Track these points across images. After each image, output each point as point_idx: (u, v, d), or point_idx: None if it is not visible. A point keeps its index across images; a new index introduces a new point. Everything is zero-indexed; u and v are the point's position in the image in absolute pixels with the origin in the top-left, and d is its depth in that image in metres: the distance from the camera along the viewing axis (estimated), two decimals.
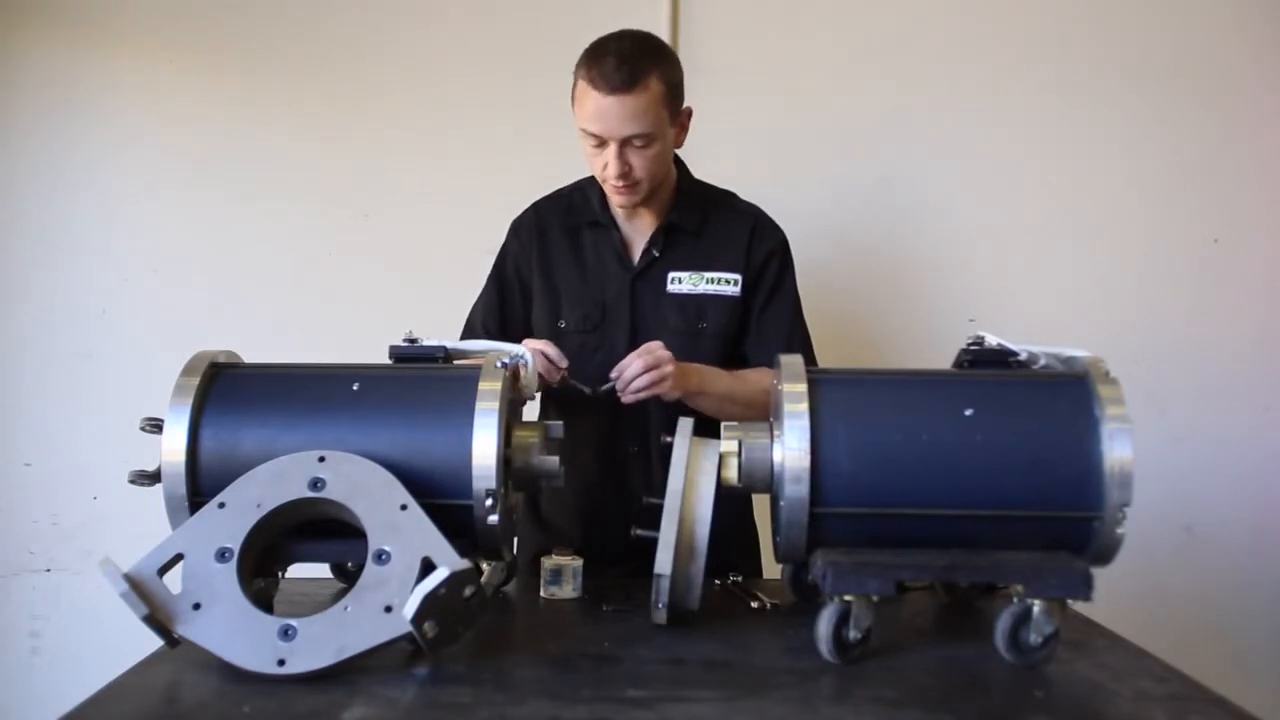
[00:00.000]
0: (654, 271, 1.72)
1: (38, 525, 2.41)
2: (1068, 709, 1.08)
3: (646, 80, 1.55)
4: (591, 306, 1.72)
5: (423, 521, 1.17)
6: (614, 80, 1.54)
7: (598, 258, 1.75)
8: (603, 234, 1.74)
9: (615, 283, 1.73)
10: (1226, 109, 2.40)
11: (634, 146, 1.58)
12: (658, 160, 1.62)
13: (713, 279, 1.72)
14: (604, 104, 1.55)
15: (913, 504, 1.23)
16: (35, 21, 2.38)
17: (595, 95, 1.55)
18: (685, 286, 1.72)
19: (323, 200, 2.40)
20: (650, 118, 1.57)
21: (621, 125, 1.56)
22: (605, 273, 1.74)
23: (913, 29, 2.41)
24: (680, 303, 1.71)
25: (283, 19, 2.39)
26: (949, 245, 2.43)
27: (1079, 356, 1.31)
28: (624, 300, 1.72)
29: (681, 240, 1.73)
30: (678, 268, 1.72)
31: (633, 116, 1.55)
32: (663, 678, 1.14)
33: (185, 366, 1.32)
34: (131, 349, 2.38)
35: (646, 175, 1.62)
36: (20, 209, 2.39)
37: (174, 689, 1.11)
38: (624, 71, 1.54)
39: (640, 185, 1.63)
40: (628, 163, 1.59)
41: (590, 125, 1.58)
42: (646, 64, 1.56)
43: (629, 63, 1.54)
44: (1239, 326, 2.42)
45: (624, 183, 1.61)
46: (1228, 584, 2.43)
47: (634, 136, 1.57)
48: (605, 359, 1.66)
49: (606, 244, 1.74)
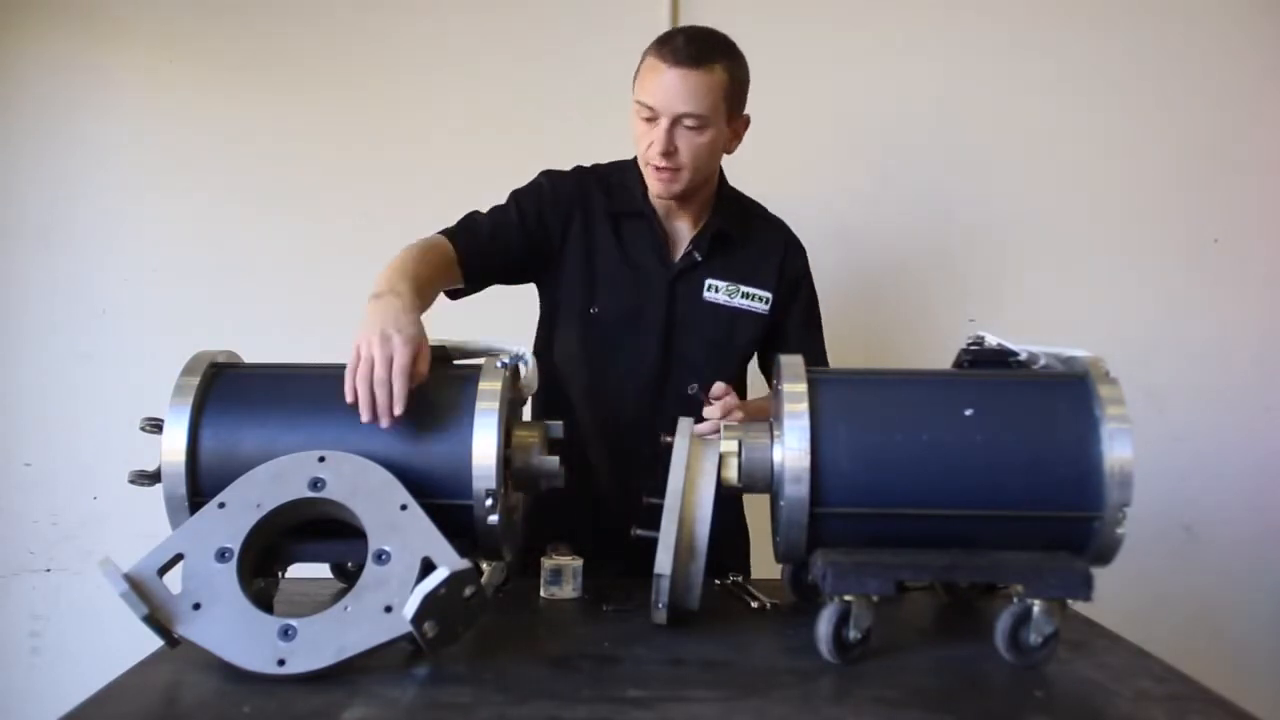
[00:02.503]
0: (693, 274, 1.69)
1: (38, 525, 2.41)
2: (1068, 709, 1.08)
3: (713, 64, 1.54)
4: (629, 299, 1.68)
5: (423, 521, 1.17)
6: (681, 54, 1.52)
7: (638, 249, 1.69)
8: (644, 225, 1.69)
9: (654, 279, 1.68)
10: (1226, 109, 2.40)
11: (685, 127, 1.55)
12: (705, 150, 1.58)
13: (748, 294, 1.70)
14: (666, 76, 1.53)
15: (913, 504, 1.23)
16: (35, 21, 2.38)
17: (659, 66, 1.53)
18: (721, 296, 1.69)
19: (323, 200, 2.40)
20: (708, 101, 1.54)
21: (679, 100, 1.53)
22: (645, 267, 1.69)
23: (913, 29, 2.41)
24: (715, 312, 1.69)
25: (283, 19, 2.40)
26: (949, 245, 2.43)
27: (1079, 356, 1.31)
28: (660, 299, 1.68)
29: (722, 247, 1.70)
30: (716, 275, 1.69)
31: (691, 93, 1.53)
32: (663, 678, 1.14)
33: (185, 366, 1.32)
34: (131, 349, 2.38)
35: (690, 162, 1.57)
36: (20, 209, 2.39)
37: (174, 689, 1.11)
38: (693, 47, 1.53)
39: (682, 173, 1.59)
40: (674, 143, 1.56)
41: (647, 96, 1.55)
42: (717, 50, 1.56)
43: (699, 42, 1.54)
44: (1239, 326, 2.42)
45: (667, 163, 1.57)
46: (1228, 584, 2.43)
47: (687, 115, 1.54)
48: (632, 357, 1.65)
49: (647, 237, 1.69)
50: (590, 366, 1.69)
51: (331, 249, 2.41)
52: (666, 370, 1.68)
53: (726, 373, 1.64)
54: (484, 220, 1.66)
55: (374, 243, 2.36)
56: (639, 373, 1.67)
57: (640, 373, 1.67)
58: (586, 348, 1.68)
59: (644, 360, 1.67)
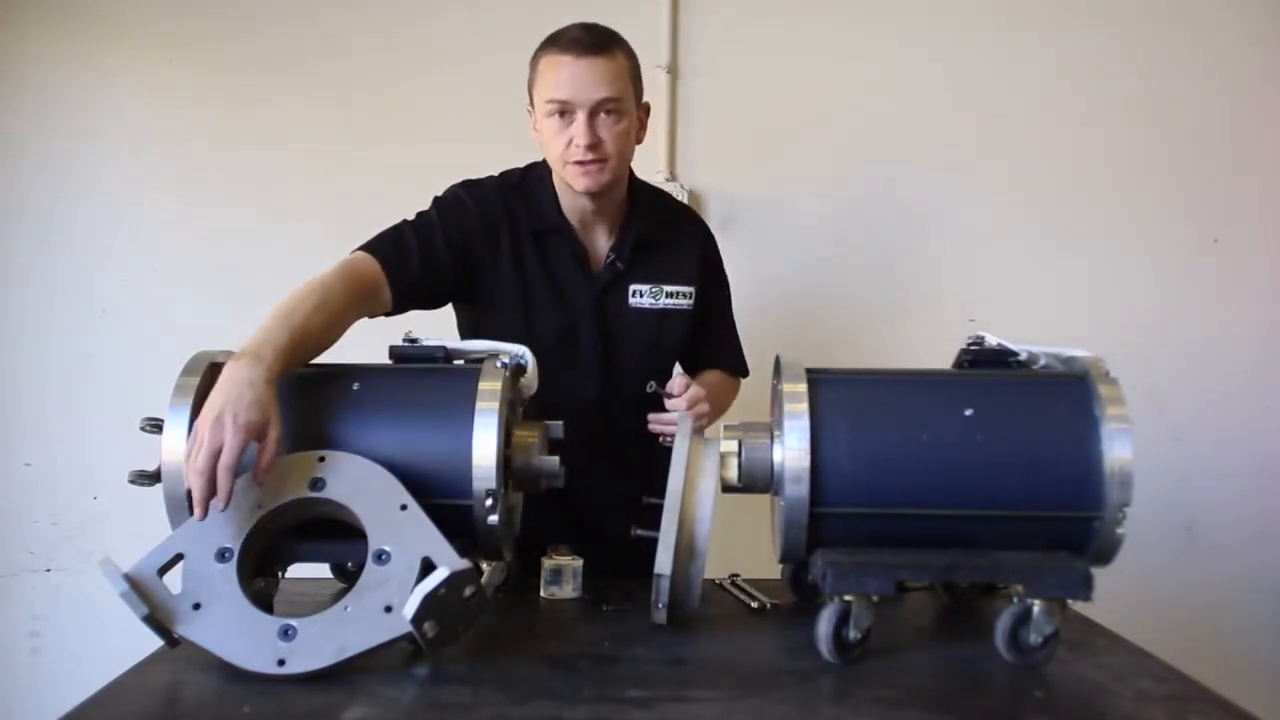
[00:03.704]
0: (617, 284, 1.67)
1: (38, 525, 2.41)
2: (1068, 709, 1.08)
3: (614, 49, 1.54)
4: (563, 319, 1.64)
5: (423, 521, 1.17)
6: (584, 43, 1.51)
7: (562, 267, 1.65)
8: (562, 241, 1.64)
9: (580, 295, 1.65)
10: (1227, 109, 2.40)
11: (604, 114, 1.53)
12: (625, 138, 1.57)
13: (671, 293, 1.69)
14: (573, 67, 1.50)
15: (913, 504, 1.23)
16: (35, 21, 2.38)
17: (562, 59, 1.51)
18: (646, 300, 1.68)
19: (323, 200, 2.40)
20: (620, 85, 1.53)
21: (592, 88, 1.51)
22: (571, 283, 1.65)
23: (912, 30, 2.41)
24: (643, 318, 1.68)
25: (283, 20, 2.40)
26: (949, 245, 2.43)
27: (1079, 356, 1.31)
28: (590, 315, 1.65)
29: (642, 251, 1.68)
30: (640, 280, 1.68)
31: (603, 79, 1.51)
32: (663, 678, 1.14)
33: (185, 366, 1.32)
34: (131, 349, 2.38)
35: (615, 151, 1.55)
36: (20, 209, 2.39)
37: (174, 689, 1.11)
38: (593, 36, 1.52)
39: (608, 164, 1.55)
40: (597, 134, 1.52)
41: (558, 92, 1.51)
42: (613, 38, 1.56)
43: (595, 32, 1.54)
44: (1239, 326, 2.42)
45: (594, 156, 1.52)
46: (1228, 584, 2.43)
47: (605, 101, 1.51)
48: (575, 378, 1.63)
49: (567, 251, 1.65)
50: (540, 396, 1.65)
51: (331, 249, 2.38)
52: (607, 381, 1.66)
53: (663, 372, 1.65)
54: (413, 246, 1.56)
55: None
56: (585, 386, 1.65)
57: (586, 386, 1.65)
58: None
59: (586, 375, 1.65)
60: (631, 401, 1.58)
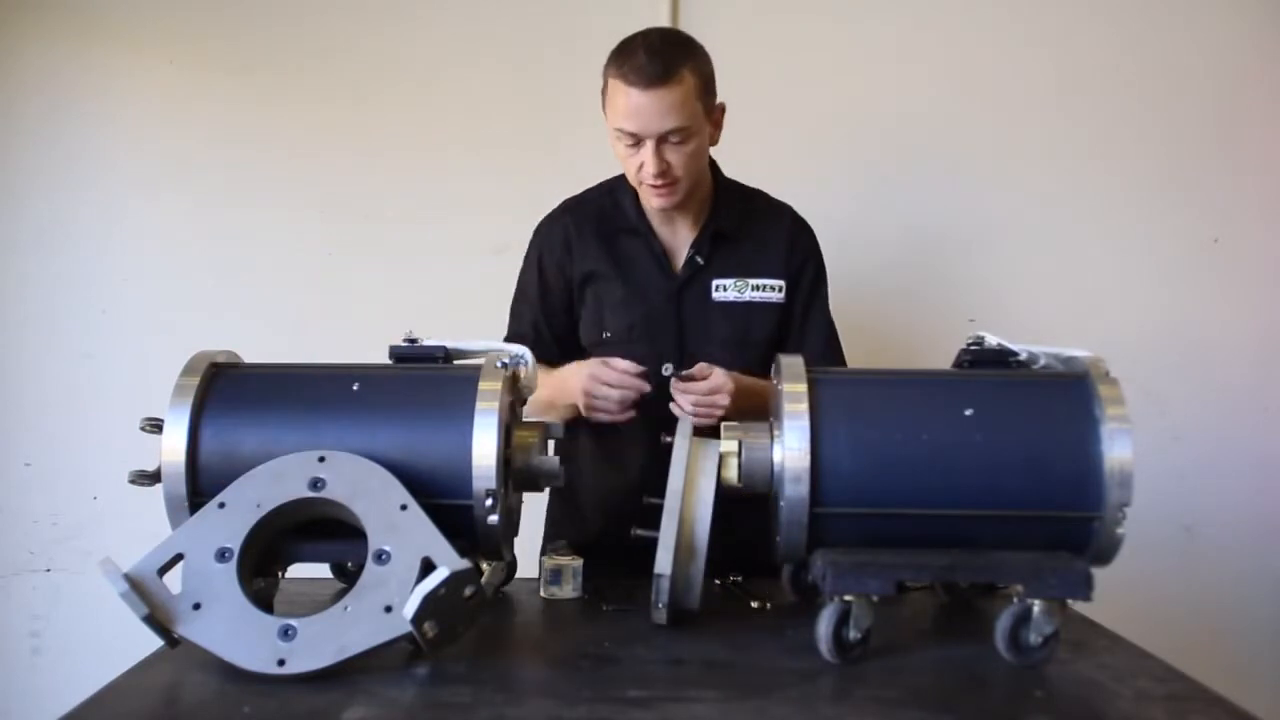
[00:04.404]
0: (698, 279, 1.69)
1: (38, 525, 2.41)
2: (1068, 709, 1.08)
3: (680, 72, 1.51)
4: (636, 316, 1.67)
5: (423, 521, 1.17)
6: (647, 73, 1.49)
7: (638, 266, 1.69)
8: (640, 241, 1.69)
9: (659, 292, 1.68)
10: (1226, 109, 2.40)
11: (671, 143, 1.54)
12: (695, 157, 1.58)
13: (758, 285, 1.69)
14: (638, 99, 1.50)
15: (913, 504, 1.23)
16: (36, 22, 2.38)
17: (628, 91, 1.51)
18: (731, 294, 1.68)
19: (323, 200, 2.40)
20: (686, 111, 1.52)
21: (658, 120, 1.51)
22: (648, 281, 1.68)
23: (913, 29, 2.41)
24: (727, 311, 1.68)
25: (283, 21, 2.40)
26: (949, 245, 2.43)
27: (1079, 356, 1.31)
28: (669, 310, 1.68)
29: (724, 245, 1.69)
30: (722, 274, 1.69)
31: (669, 110, 1.51)
32: (663, 678, 1.14)
33: (185, 366, 1.32)
34: (131, 349, 2.38)
35: (685, 173, 1.57)
36: (20, 209, 2.39)
37: (174, 689, 1.11)
38: (656, 64, 1.50)
39: (680, 184, 1.58)
40: (665, 160, 1.54)
41: (625, 123, 1.53)
42: (679, 56, 1.53)
43: (660, 55, 1.51)
44: (1239, 326, 2.42)
45: (663, 181, 1.56)
46: (1228, 584, 2.43)
47: (671, 131, 1.52)
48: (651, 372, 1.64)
49: (645, 251, 1.69)
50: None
51: (331, 249, 2.41)
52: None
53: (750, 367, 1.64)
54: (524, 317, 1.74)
55: (375, 243, 2.40)
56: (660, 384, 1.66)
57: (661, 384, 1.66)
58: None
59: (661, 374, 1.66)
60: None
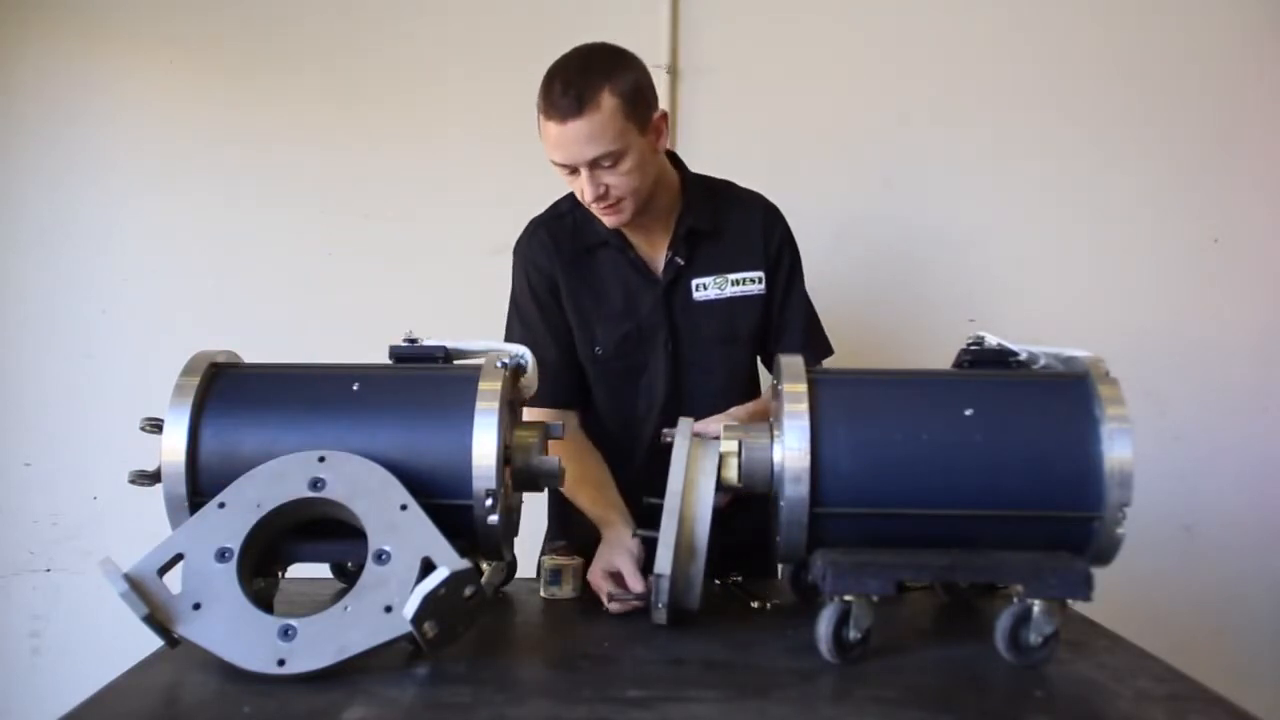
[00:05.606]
0: (682, 281, 1.68)
1: (38, 525, 2.41)
2: (1068, 709, 1.08)
3: (596, 99, 1.47)
4: (628, 328, 1.67)
5: (423, 521, 1.17)
6: (562, 106, 1.46)
7: (619, 279, 1.68)
8: (617, 254, 1.68)
9: (645, 299, 1.67)
10: (1226, 109, 2.40)
11: (603, 167, 1.52)
12: (634, 174, 1.55)
13: (738, 280, 1.68)
14: (559, 132, 1.48)
15: (913, 504, 1.23)
16: (36, 22, 2.38)
17: (550, 125, 1.49)
18: (712, 292, 1.68)
19: (323, 200, 2.40)
20: (609, 135, 1.49)
21: (581, 149, 1.49)
22: (632, 291, 1.68)
23: (913, 30, 2.41)
24: (711, 310, 1.68)
25: (283, 21, 2.40)
26: (949, 245, 2.43)
27: (1079, 356, 1.31)
28: (658, 316, 1.67)
29: (702, 242, 1.69)
30: (701, 273, 1.68)
31: (590, 139, 1.48)
32: (663, 678, 1.14)
33: (185, 366, 1.32)
34: (131, 349, 2.38)
35: (627, 192, 1.55)
36: (20, 209, 2.39)
37: (174, 689, 1.11)
38: (570, 96, 1.46)
39: (624, 203, 1.57)
40: (603, 184, 1.53)
41: (553, 155, 1.52)
42: (594, 81, 1.48)
43: (574, 85, 1.47)
44: (1239, 326, 2.42)
45: (604, 204, 1.56)
46: (1228, 584, 2.43)
47: (600, 157, 1.50)
48: (648, 379, 1.66)
49: (623, 261, 1.68)
50: (611, 402, 1.70)
51: (332, 249, 2.41)
52: (681, 381, 1.68)
53: (740, 365, 1.64)
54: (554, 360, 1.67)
55: (375, 242, 2.40)
56: (656, 389, 1.68)
57: (657, 389, 1.68)
58: (604, 383, 1.70)
59: (658, 378, 1.67)
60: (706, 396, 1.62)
